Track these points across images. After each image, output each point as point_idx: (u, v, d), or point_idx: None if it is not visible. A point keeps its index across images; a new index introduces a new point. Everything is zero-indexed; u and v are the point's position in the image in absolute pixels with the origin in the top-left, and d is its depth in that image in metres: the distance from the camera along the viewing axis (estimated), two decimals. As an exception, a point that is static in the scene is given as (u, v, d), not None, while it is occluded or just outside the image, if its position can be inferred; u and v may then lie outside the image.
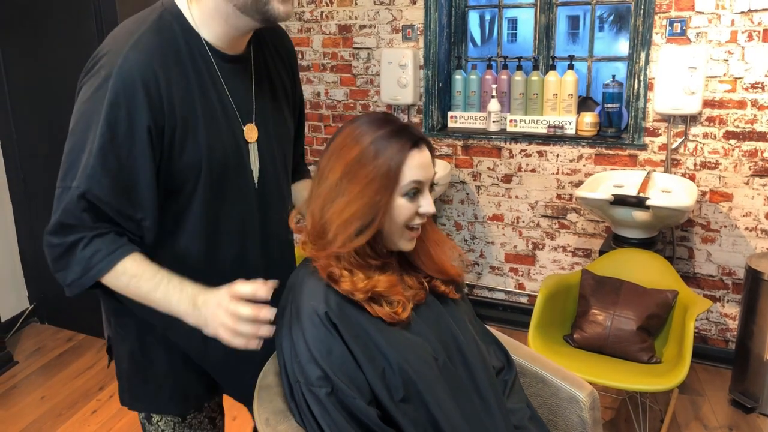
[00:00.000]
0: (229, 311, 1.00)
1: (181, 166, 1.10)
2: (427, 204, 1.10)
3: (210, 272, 1.15)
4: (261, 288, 1.00)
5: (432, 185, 1.13)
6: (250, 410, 1.49)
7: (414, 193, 1.08)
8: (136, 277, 1.06)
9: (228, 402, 1.44)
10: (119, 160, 1.04)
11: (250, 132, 1.20)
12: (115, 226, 1.08)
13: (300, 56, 3.41)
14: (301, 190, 1.40)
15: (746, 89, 2.58)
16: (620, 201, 2.35)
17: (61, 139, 1.12)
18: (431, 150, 1.12)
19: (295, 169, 1.42)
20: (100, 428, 2.44)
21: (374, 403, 1.04)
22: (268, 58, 1.27)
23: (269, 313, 1.00)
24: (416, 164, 1.07)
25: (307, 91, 3.45)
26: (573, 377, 1.35)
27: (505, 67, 3.09)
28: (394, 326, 1.08)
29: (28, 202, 3.11)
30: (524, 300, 3.21)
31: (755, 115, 2.59)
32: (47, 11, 2.76)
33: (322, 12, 3.30)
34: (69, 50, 2.77)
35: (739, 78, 2.58)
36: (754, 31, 2.53)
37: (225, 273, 1.14)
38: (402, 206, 1.08)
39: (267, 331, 1.01)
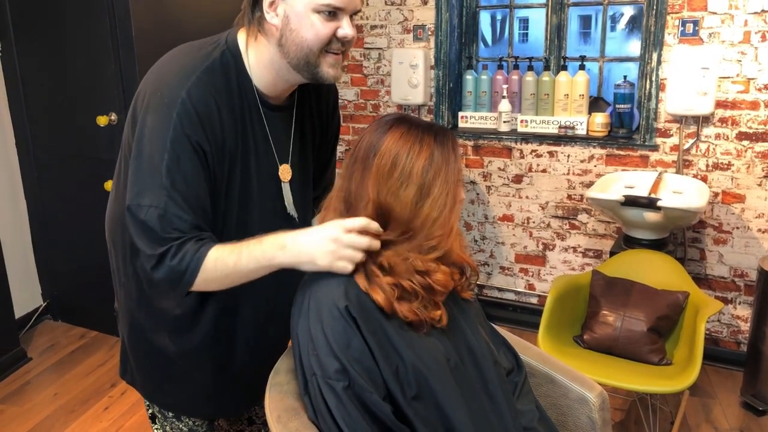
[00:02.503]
0: (344, 242, 1.06)
1: (224, 192, 1.18)
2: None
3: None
4: (372, 222, 1.07)
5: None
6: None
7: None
8: (221, 259, 1.11)
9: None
10: (187, 181, 1.11)
11: (284, 172, 1.28)
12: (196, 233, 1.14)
13: (311, 56, 3.42)
14: None
15: (759, 90, 2.57)
16: (631, 202, 2.34)
17: (74, 137, 1.15)
18: None
19: (319, 197, 1.47)
20: (111, 425, 2.46)
21: (388, 399, 1.05)
22: (306, 109, 1.34)
23: (377, 243, 1.08)
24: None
25: (318, 91, 3.46)
26: (582, 378, 1.35)
27: (516, 67, 3.09)
28: (411, 327, 1.09)
29: (42, 201, 3.14)
30: (534, 300, 3.20)
31: (768, 116, 2.57)
32: (61, 12, 2.79)
33: (333, 12, 3.31)
34: (82, 50, 2.79)
35: (753, 79, 2.57)
36: (768, 32, 2.51)
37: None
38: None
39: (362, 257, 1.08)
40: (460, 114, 3.18)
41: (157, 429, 1.42)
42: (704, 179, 2.70)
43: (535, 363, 1.39)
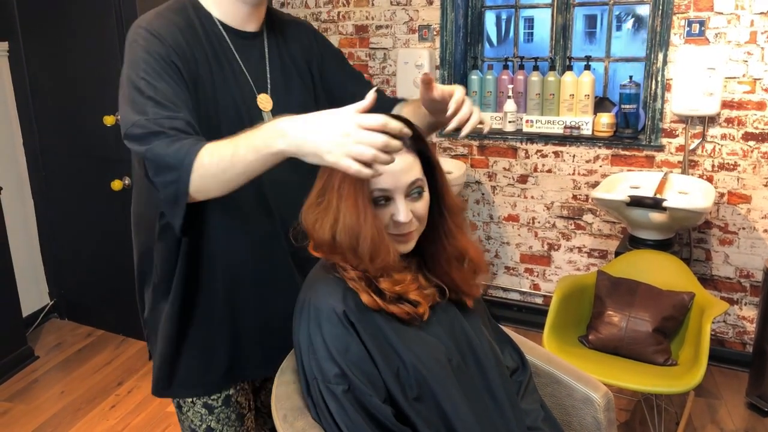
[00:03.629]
0: (356, 138, 0.92)
1: (198, 115, 1.15)
2: (401, 212, 1.06)
3: (232, 219, 1.23)
4: (392, 120, 0.93)
5: (416, 192, 1.09)
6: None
7: (382, 201, 1.07)
8: (216, 151, 1.03)
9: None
10: (169, 85, 1.12)
11: (264, 101, 1.26)
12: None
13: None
14: (407, 110, 1.33)
15: (766, 90, 2.56)
16: (637, 202, 2.34)
17: (81, 137, 1.16)
18: (424, 150, 1.11)
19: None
20: (118, 423, 2.48)
21: (389, 402, 1.05)
22: (280, 41, 1.34)
23: (398, 144, 0.93)
24: (389, 169, 1.02)
25: (324, 91, 3.47)
26: (588, 378, 1.35)
27: (521, 67, 3.09)
28: (410, 326, 1.09)
29: (50, 200, 3.16)
30: (539, 301, 3.20)
31: (775, 117, 2.57)
32: (68, 12, 2.81)
33: (339, 12, 3.32)
34: (89, 49, 2.81)
35: (759, 79, 2.56)
36: (774, 32, 2.51)
37: (247, 221, 1.23)
38: (374, 212, 1.06)
39: (387, 159, 0.93)
40: (466, 114, 3.18)
41: (182, 417, 1.40)
42: (710, 180, 2.70)
43: (540, 363, 1.39)
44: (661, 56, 2.69)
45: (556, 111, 2.98)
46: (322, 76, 1.40)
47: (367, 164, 0.92)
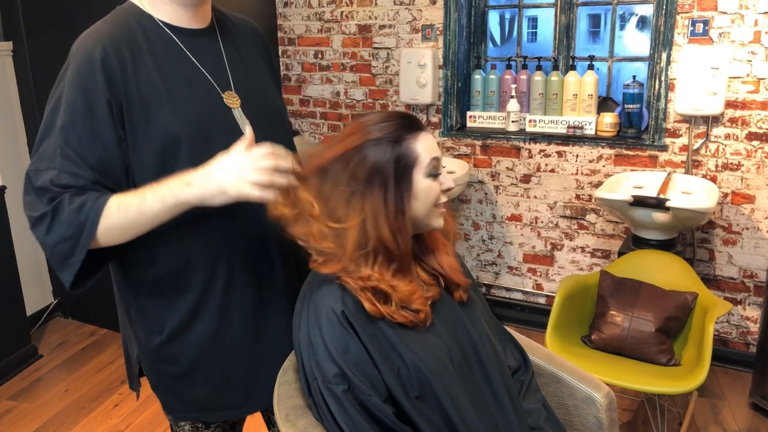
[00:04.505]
0: (252, 167, 1.02)
1: (153, 139, 1.11)
2: (448, 180, 1.14)
3: (218, 223, 1.18)
4: (278, 146, 1.05)
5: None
6: (267, 417, 1.51)
7: (435, 172, 1.11)
8: (123, 201, 1.06)
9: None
10: (83, 137, 1.08)
11: (231, 99, 1.21)
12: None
13: (320, 56, 3.44)
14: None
15: (770, 90, 2.56)
16: (640, 202, 2.33)
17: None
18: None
19: None
20: (121, 422, 2.48)
21: (390, 401, 1.05)
22: (235, 35, 1.29)
23: (287, 162, 1.05)
24: (429, 144, 1.11)
25: (327, 90, 3.47)
26: (590, 378, 1.35)
27: (524, 66, 3.08)
28: (404, 327, 1.10)
29: (53, 199, 3.17)
30: (542, 300, 3.20)
31: (779, 116, 2.56)
32: (72, 12, 2.81)
33: (342, 12, 3.32)
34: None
35: (763, 78, 2.55)
36: (779, 31, 2.50)
37: (230, 226, 1.18)
38: (429, 187, 1.10)
39: (282, 180, 1.04)
40: (469, 114, 3.18)
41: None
42: (713, 179, 2.69)
43: (543, 363, 1.39)
44: (664, 56, 2.68)
45: (559, 111, 2.98)
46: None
47: (266, 189, 1.03)
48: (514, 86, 3.02)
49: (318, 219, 1.06)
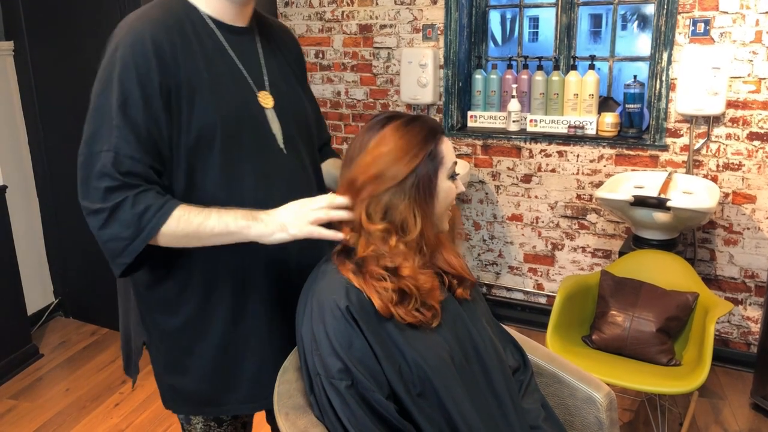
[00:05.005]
0: (310, 207, 1.09)
1: (193, 124, 1.14)
2: (461, 184, 1.18)
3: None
4: (337, 196, 1.11)
5: None
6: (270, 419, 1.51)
7: (455, 174, 1.16)
8: (186, 215, 1.09)
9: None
10: (138, 117, 1.09)
11: (265, 99, 1.24)
12: (154, 185, 1.12)
13: (320, 56, 3.44)
14: (330, 168, 1.43)
15: (771, 90, 2.55)
16: (640, 202, 2.33)
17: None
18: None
19: (320, 150, 1.46)
20: (122, 421, 2.48)
21: (392, 398, 1.05)
22: (272, 38, 1.33)
23: (342, 199, 1.11)
24: (450, 148, 1.16)
25: (328, 90, 3.47)
26: (590, 378, 1.35)
27: (525, 66, 3.08)
28: (410, 326, 1.10)
29: (54, 198, 3.17)
30: (543, 300, 3.20)
31: (780, 116, 2.56)
32: (74, 11, 2.81)
33: (343, 12, 3.32)
34: (94, 49, 2.81)
35: (764, 78, 2.55)
36: (780, 31, 2.50)
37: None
38: (450, 188, 1.15)
39: (339, 215, 1.11)
40: (470, 113, 3.18)
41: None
42: (714, 179, 2.69)
43: (543, 363, 1.39)
44: (665, 56, 2.68)
45: (560, 110, 2.98)
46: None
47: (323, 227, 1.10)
48: (515, 86, 3.02)
49: (374, 227, 1.09)
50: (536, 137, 3.00)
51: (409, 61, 3.12)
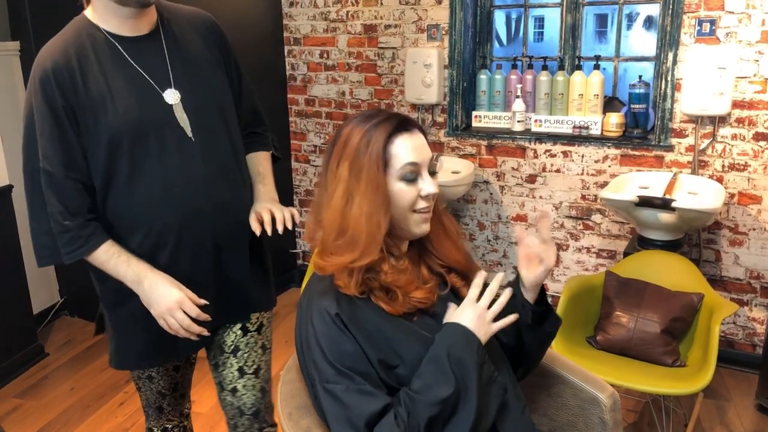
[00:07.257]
0: (176, 317, 1.31)
1: (101, 136, 1.29)
2: (427, 185, 1.10)
3: (162, 212, 1.34)
4: (199, 300, 1.33)
5: (432, 171, 1.13)
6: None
7: (412, 176, 1.09)
8: (105, 253, 1.34)
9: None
10: (54, 138, 1.28)
11: (171, 96, 1.35)
12: (92, 213, 1.34)
13: (325, 56, 3.44)
14: (255, 164, 1.54)
15: (777, 90, 2.54)
16: (645, 202, 2.33)
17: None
18: (424, 134, 1.15)
19: (249, 124, 1.56)
20: (126, 420, 2.49)
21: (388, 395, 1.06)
22: (177, 34, 1.40)
23: (202, 331, 1.34)
24: (409, 147, 1.09)
25: (332, 90, 3.47)
26: (594, 379, 1.35)
27: (530, 66, 3.08)
28: (409, 323, 1.10)
29: (60, 198, 3.18)
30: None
31: (786, 117, 2.54)
32: (79, 11, 2.82)
33: (347, 12, 3.33)
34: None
35: (770, 78, 2.54)
36: (786, 31, 2.48)
37: (174, 215, 1.35)
38: (402, 190, 1.09)
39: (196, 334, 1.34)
40: (474, 113, 3.18)
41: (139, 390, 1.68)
42: (720, 180, 2.68)
43: (547, 363, 1.39)
44: (671, 56, 2.67)
45: (565, 111, 2.97)
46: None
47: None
48: (519, 86, 3.02)
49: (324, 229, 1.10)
50: (541, 137, 3.00)
51: (414, 61, 3.12)
